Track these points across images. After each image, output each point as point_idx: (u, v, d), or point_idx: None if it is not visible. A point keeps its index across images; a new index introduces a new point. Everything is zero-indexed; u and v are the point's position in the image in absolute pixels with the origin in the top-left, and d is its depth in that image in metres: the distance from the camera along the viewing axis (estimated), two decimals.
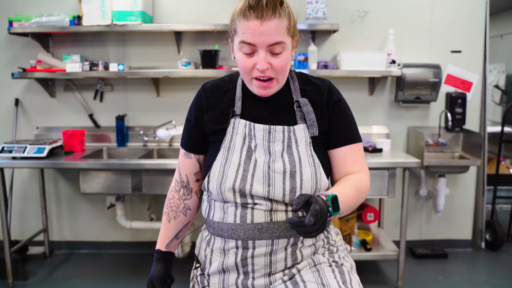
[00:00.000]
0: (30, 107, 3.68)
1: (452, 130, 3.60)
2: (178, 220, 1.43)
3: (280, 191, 1.22)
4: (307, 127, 1.28)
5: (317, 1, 3.23)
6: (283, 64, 1.23)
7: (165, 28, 3.32)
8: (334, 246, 1.34)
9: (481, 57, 3.61)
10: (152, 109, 3.65)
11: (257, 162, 1.25)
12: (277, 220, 1.23)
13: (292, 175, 1.22)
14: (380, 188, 3.03)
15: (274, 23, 1.19)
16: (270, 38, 1.19)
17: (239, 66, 1.26)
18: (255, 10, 1.18)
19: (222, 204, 1.27)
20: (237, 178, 1.23)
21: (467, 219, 3.81)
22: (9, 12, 3.50)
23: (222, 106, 1.34)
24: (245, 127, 1.28)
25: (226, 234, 1.26)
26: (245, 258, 1.24)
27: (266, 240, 1.22)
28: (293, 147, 1.26)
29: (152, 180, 3.06)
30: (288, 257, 1.25)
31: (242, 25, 1.21)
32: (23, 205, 3.76)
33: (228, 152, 1.27)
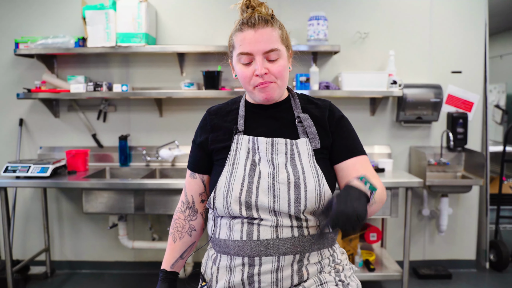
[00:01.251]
0: (34, 127, 3.71)
1: (454, 149, 3.61)
2: (183, 240, 1.45)
3: (285, 201, 1.23)
4: (309, 140, 1.32)
5: (318, 23, 3.28)
6: (280, 69, 1.29)
7: (168, 49, 3.37)
8: (340, 265, 1.34)
9: (482, 77, 3.64)
10: (155, 129, 3.67)
11: (262, 174, 1.27)
12: (283, 237, 1.24)
13: (297, 185, 1.24)
14: (383, 208, 3.03)
15: (267, 30, 1.28)
16: (264, 45, 1.27)
17: (240, 77, 1.32)
18: (248, 23, 1.28)
19: (229, 221, 1.29)
20: (243, 190, 1.25)
21: (471, 239, 3.79)
22: (15, 34, 3.55)
23: (225, 125, 1.39)
24: (249, 142, 1.32)
25: (232, 251, 1.27)
26: (252, 275, 1.25)
27: (273, 256, 1.23)
28: (296, 159, 1.29)
29: (155, 200, 3.06)
30: (294, 274, 1.25)
31: (238, 38, 1.30)
32: (25, 225, 3.76)
33: (233, 166, 1.30)
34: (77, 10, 3.53)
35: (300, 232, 1.25)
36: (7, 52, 3.61)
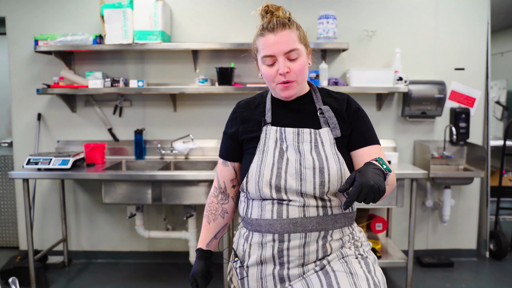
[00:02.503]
0: (51, 122, 3.85)
1: (456, 143, 3.76)
2: (217, 222, 1.60)
3: (311, 184, 1.38)
4: (331, 130, 1.46)
5: (327, 22, 3.42)
6: (301, 67, 1.43)
7: (182, 47, 3.50)
8: (358, 242, 1.49)
9: (483, 74, 3.78)
10: (169, 123, 3.81)
11: (289, 160, 1.41)
12: (310, 215, 1.39)
13: (321, 170, 1.39)
14: (389, 198, 3.17)
15: (286, 33, 1.41)
16: (285, 46, 1.40)
17: (265, 77, 1.47)
18: (267, 27, 1.42)
19: (260, 202, 1.43)
20: (273, 175, 1.40)
21: (472, 230, 3.95)
22: (34, 32, 3.68)
23: (254, 118, 1.53)
24: (276, 132, 1.46)
25: (264, 229, 1.42)
26: (281, 250, 1.39)
27: (300, 233, 1.38)
28: (319, 147, 1.43)
29: (171, 190, 3.21)
30: (319, 249, 1.40)
31: (261, 42, 1.44)
32: (43, 216, 3.90)
33: (263, 154, 1.44)
34: (95, 9, 3.66)
35: (325, 212, 1.40)
36: (26, 49, 3.74)
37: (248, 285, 1.46)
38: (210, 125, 3.77)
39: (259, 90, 3.41)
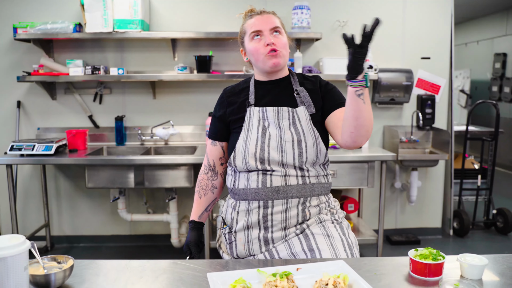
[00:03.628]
0: (31, 109, 3.89)
1: (423, 128, 4.00)
2: (207, 196, 1.76)
3: (291, 155, 1.56)
4: (306, 108, 1.63)
5: (302, 12, 3.58)
6: (284, 42, 1.63)
7: (162, 35, 3.60)
8: (334, 209, 1.67)
9: (448, 63, 4.02)
10: (148, 110, 3.91)
11: (271, 135, 1.59)
12: (290, 184, 1.56)
13: (299, 143, 1.57)
14: (361, 179, 3.38)
15: (270, 16, 1.65)
16: (270, 24, 1.62)
17: (253, 52, 1.64)
18: (255, 12, 1.67)
19: (246, 174, 1.60)
20: (257, 149, 1.57)
21: (437, 209, 4.21)
22: (13, 20, 3.71)
23: (239, 101, 1.69)
24: (259, 112, 1.63)
25: (250, 197, 1.58)
26: (266, 215, 1.56)
27: (282, 199, 1.56)
28: (297, 123, 1.61)
29: (153, 174, 3.33)
30: (299, 214, 1.57)
31: (249, 24, 1.65)
32: (25, 202, 3.96)
33: (248, 132, 1.61)
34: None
35: (303, 181, 1.58)
36: (5, 37, 3.76)
37: (236, 248, 1.62)
38: (189, 112, 3.89)
39: (236, 77, 3.55)
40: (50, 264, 1.21)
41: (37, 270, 1.16)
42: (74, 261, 1.22)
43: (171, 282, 1.22)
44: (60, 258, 1.23)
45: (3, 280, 0.99)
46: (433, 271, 1.21)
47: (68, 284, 1.19)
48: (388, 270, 1.28)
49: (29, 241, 1.05)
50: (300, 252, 1.50)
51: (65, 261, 1.22)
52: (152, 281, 1.22)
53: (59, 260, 1.23)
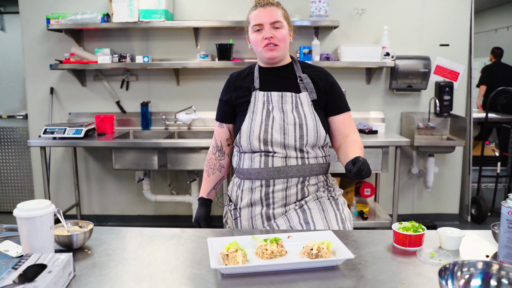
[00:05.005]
0: (63, 95, 4.13)
1: (440, 115, 4.03)
2: (215, 175, 1.91)
3: (292, 138, 1.69)
4: (308, 93, 1.76)
5: (319, 0, 3.66)
6: (283, 35, 1.74)
7: (185, 24, 3.76)
8: (331, 187, 1.79)
9: (467, 50, 4.03)
10: (172, 96, 4.09)
11: (275, 118, 1.71)
12: (290, 164, 1.69)
13: (301, 126, 1.70)
14: (375, 164, 3.47)
15: (273, 9, 1.74)
16: (271, 18, 1.72)
17: (253, 42, 1.78)
18: (260, 4, 1.76)
19: (250, 155, 1.73)
20: (261, 130, 1.70)
21: (455, 196, 4.25)
22: (46, 11, 3.93)
23: (245, 85, 1.82)
24: (264, 96, 1.76)
25: (253, 176, 1.72)
26: (267, 193, 1.70)
27: (283, 179, 1.69)
28: (299, 108, 1.73)
29: (176, 157, 3.51)
30: (298, 192, 1.70)
31: (252, 15, 1.76)
32: (57, 183, 4.22)
33: (253, 114, 1.74)
34: None
35: (303, 162, 1.70)
36: (38, 27, 4.00)
37: (241, 223, 1.76)
38: (211, 97, 4.05)
39: None
40: (73, 228, 1.39)
41: (62, 232, 1.34)
42: (93, 226, 1.39)
43: (177, 246, 1.38)
44: (82, 223, 1.40)
45: (31, 236, 1.17)
46: (413, 242, 1.32)
47: (88, 245, 1.37)
48: (373, 241, 1.40)
49: (53, 205, 1.22)
50: (297, 225, 1.64)
51: (86, 225, 1.40)
52: (161, 244, 1.38)
53: (80, 225, 1.40)
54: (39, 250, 1.18)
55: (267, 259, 1.25)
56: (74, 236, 1.30)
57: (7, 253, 1.28)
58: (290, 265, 1.20)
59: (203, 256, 1.28)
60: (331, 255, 1.26)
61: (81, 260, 1.25)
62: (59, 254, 1.11)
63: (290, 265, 1.20)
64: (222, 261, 1.21)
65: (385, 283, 1.11)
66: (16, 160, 4.47)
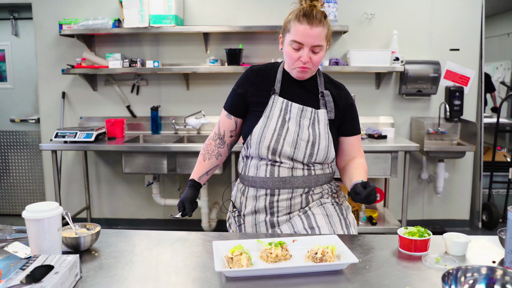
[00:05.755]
0: (74, 99, 4.18)
1: (450, 120, 4.01)
2: (211, 161, 1.85)
3: (302, 154, 1.66)
4: (327, 112, 1.72)
5: (329, 6, 3.66)
6: (319, 60, 1.64)
7: (195, 30, 3.79)
8: (335, 194, 1.79)
9: (478, 54, 4.00)
10: (182, 101, 4.12)
11: (289, 130, 1.67)
12: (296, 175, 1.67)
13: (313, 144, 1.66)
14: (384, 169, 3.46)
15: (319, 29, 1.57)
16: (314, 41, 1.58)
17: (287, 56, 1.67)
18: (307, 17, 1.57)
19: (256, 162, 1.71)
20: (272, 139, 1.66)
21: (465, 201, 4.21)
22: (57, 16, 3.99)
23: (264, 84, 1.75)
24: (282, 103, 1.70)
25: (258, 185, 1.70)
26: (272, 202, 1.69)
27: (288, 189, 1.67)
28: (315, 125, 1.69)
29: (185, 161, 3.53)
30: (303, 201, 1.69)
31: (295, 27, 1.59)
32: (68, 186, 4.27)
33: (267, 119, 1.69)
34: None
35: (309, 173, 1.68)
36: (51, 32, 4.06)
37: (245, 230, 1.76)
38: (220, 102, 4.02)
39: None
40: (81, 230, 1.41)
41: (70, 234, 1.35)
42: (100, 228, 1.41)
43: (183, 248, 1.39)
44: (89, 225, 1.42)
45: (39, 238, 1.19)
46: (419, 247, 1.32)
47: (95, 247, 1.38)
48: (378, 246, 1.40)
49: (61, 207, 1.24)
50: (302, 230, 1.63)
51: (93, 228, 1.41)
52: (167, 247, 1.39)
53: (88, 227, 1.42)
54: (46, 251, 1.20)
55: (271, 263, 1.25)
56: (81, 238, 1.32)
57: (16, 254, 1.30)
58: (294, 269, 1.21)
59: (208, 259, 1.29)
60: (336, 259, 1.26)
61: (88, 262, 1.27)
62: (66, 256, 1.13)
63: (295, 269, 1.21)
64: (227, 264, 1.22)
65: (389, 287, 1.11)
66: (28, 164, 4.53)
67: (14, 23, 4.37)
